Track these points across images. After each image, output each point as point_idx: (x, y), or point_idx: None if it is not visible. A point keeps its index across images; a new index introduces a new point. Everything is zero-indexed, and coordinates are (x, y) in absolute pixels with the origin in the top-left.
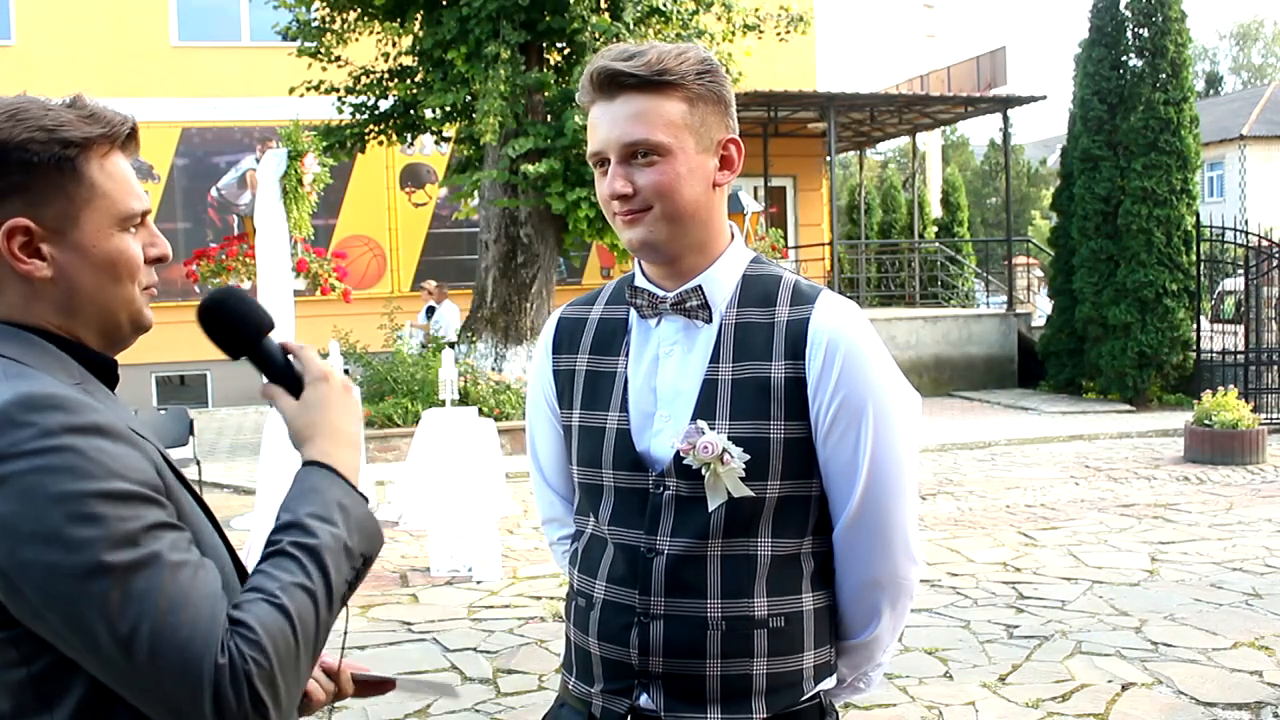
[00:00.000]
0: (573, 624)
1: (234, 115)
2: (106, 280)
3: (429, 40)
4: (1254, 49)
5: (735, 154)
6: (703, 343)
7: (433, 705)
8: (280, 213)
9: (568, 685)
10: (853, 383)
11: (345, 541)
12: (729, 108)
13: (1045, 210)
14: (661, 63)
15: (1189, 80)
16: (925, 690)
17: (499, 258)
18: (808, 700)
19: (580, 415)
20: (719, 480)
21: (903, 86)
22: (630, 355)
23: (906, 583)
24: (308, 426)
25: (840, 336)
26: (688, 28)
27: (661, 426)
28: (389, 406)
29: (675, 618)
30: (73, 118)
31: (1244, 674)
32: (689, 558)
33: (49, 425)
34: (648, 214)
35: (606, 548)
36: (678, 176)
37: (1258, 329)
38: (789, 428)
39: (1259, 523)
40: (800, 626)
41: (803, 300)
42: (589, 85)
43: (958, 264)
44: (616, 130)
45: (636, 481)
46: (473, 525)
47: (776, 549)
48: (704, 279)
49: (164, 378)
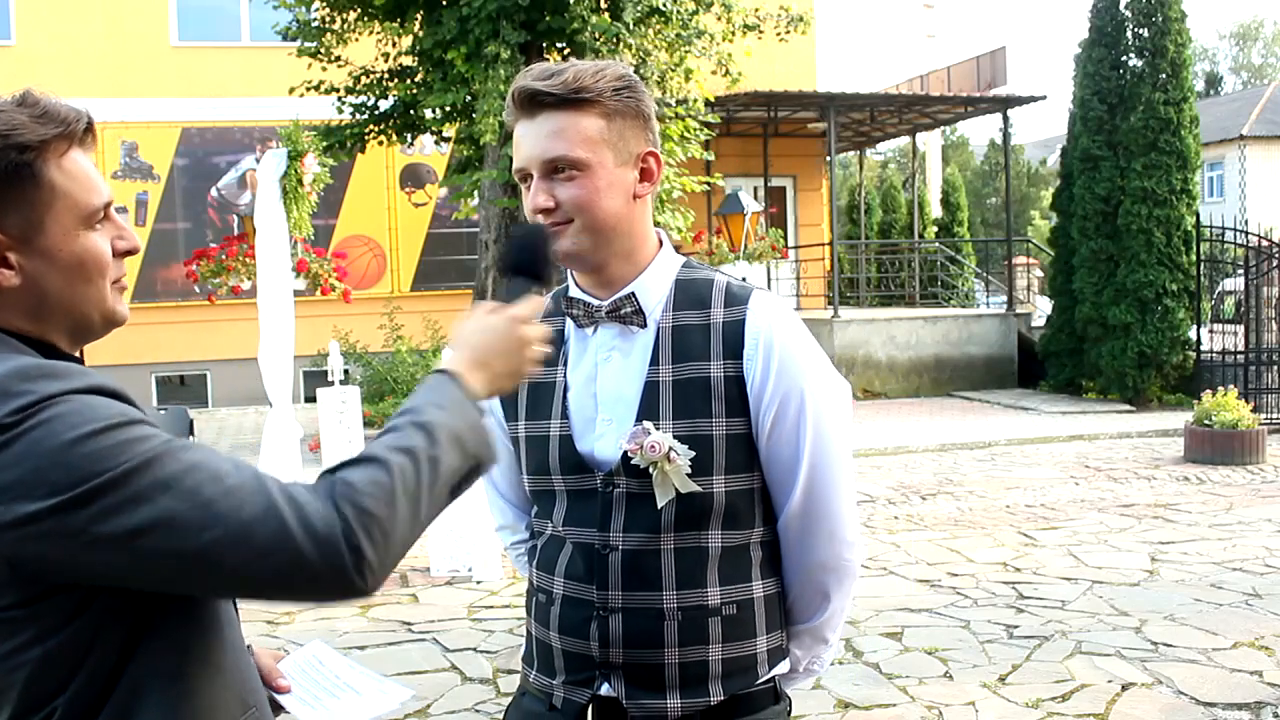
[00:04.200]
0: (533, 619)
1: (234, 115)
2: (76, 281)
3: (429, 40)
4: (1254, 49)
5: (655, 166)
6: (640, 347)
7: (432, 705)
8: (280, 213)
9: (528, 678)
10: (790, 379)
11: (458, 431)
12: (648, 121)
13: (1045, 210)
14: (578, 80)
15: (1189, 80)
16: (925, 690)
17: (499, 258)
18: (763, 683)
19: (525, 426)
20: (666, 478)
21: (903, 86)
22: (569, 364)
23: (850, 564)
24: (461, 338)
25: (775, 335)
26: (688, 28)
27: (604, 430)
28: (389, 406)
29: (633, 610)
30: (25, 119)
31: (1244, 674)
32: (643, 552)
33: (48, 390)
34: (569, 226)
35: (564, 546)
36: (596, 190)
37: (1258, 329)
38: (730, 424)
39: (1259, 523)
40: (752, 612)
41: (736, 301)
42: (511, 104)
43: (958, 264)
44: (538, 147)
45: (585, 483)
46: (473, 525)
47: (726, 540)
48: (636, 286)
49: (164, 378)
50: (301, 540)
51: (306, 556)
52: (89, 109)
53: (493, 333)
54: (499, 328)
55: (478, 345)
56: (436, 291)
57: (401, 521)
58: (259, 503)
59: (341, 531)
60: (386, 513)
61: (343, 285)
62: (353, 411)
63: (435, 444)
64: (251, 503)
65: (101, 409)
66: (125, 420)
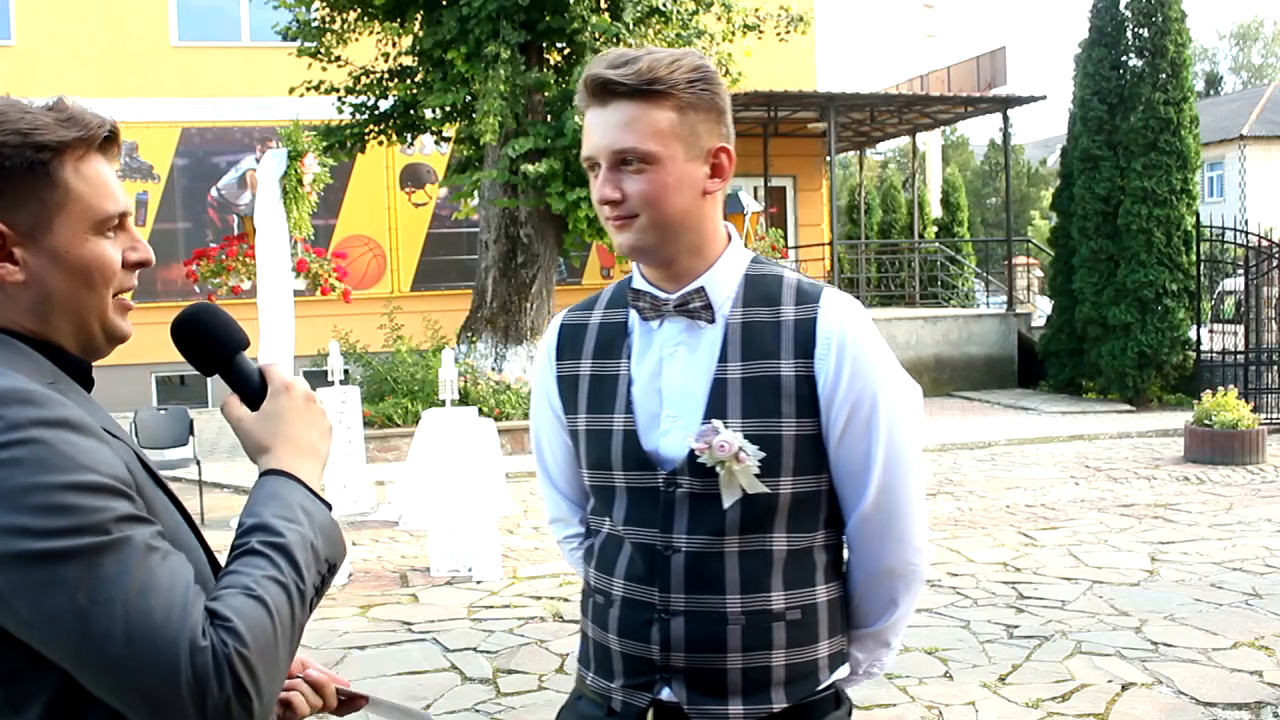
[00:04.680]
0: (590, 620)
1: (234, 115)
2: (80, 286)
3: (429, 40)
4: (1254, 49)
5: (726, 162)
6: (707, 343)
7: (432, 705)
8: (280, 213)
9: (585, 679)
10: (863, 381)
11: (312, 542)
12: (723, 115)
13: (1045, 210)
14: (653, 71)
15: (1189, 80)
16: (925, 690)
17: (499, 258)
18: (824, 690)
19: (586, 419)
20: (734, 478)
21: (903, 86)
22: (633, 357)
23: (919, 570)
24: (265, 437)
25: (848, 335)
26: (687, 28)
27: (669, 427)
28: (389, 406)
29: (695, 613)
30: (49, 121)
31: (1244, 674)
32: (707, 554)
33: (15, 419)
34: (635, 221)
35: (623, 546)
36: (665, 186)
37: (1258, 329)
38: (800, 425)
39: (1259, 523)
40: (816, 617)
41: (807, 299)
42: (583, 90)
43: (958, 264)
44: (607, 137)
45: (647, 481)
46: (473, 525)
47: (791, 543)
48: (705, 280)
49: (164, 378)
50: (188, 698)
51: (187, 710)
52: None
53: (293, 414)
54: (294, 407)
55: (290, 434)
56: (436, 291)
57: (282, 662)
58: (163, 639)
59: (232, 699)
60: (270, 672)
61: (343, 285)
62: (353, 412)
63: (299, 570)
64: (156, 639)
65: (66, 456)
66: (84, 485)
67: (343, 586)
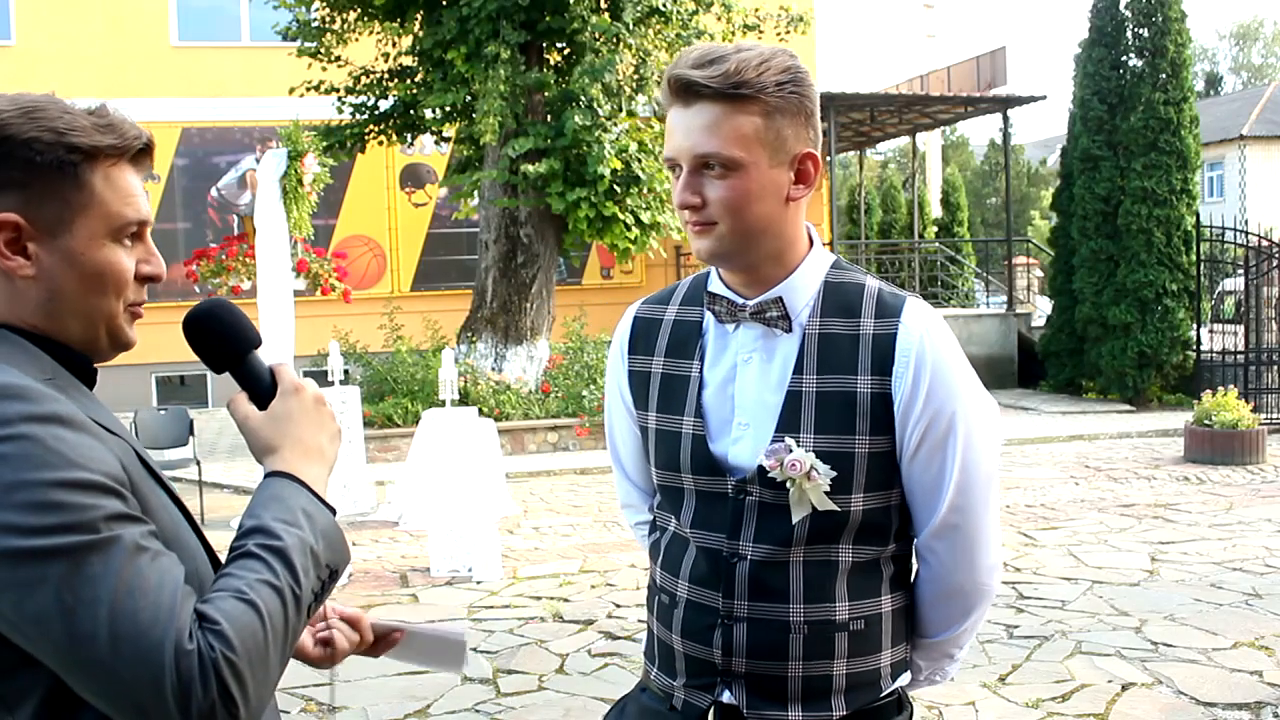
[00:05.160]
0: (655, 618)
1: (234, 115)
2: (90, 290)
3: (429, 40)
4: (1254, 49)
5: (812, 169)
6: (783, 352)
7: (432, 705)
8: (280, 213)
9: (649, 674)
10: (941, 399)
11: (312, 546)
12: (810, 119)
13: (1045, 210)
14: (740, 73)
15: (1189, 80)
16: (925, 690)
17: (499, 258)
18: (886, 696)
19: (656, 418)
20: (804, 495)
21: (903, 86)
22: (706, 360)
23: (989, 589)
24: (272, 438)
25: (927, 352)
26: (687, 28)
27: (740, 435)
28: (389, 406)
29: (758, 621)
30: (87, 124)
31: (1244, 674)
32: (771, 563)
33: (7, 414)
34: (715, 228)
35: (689, 548)
36: (747, 193)
37: (1258, 329)
38: (874, 442)
39: (1259, 523)
40: (879, 628)
41: (888, 312)
42: (666, 89)
43: (958, 264)
44: (689, 140)
45: (716, 486)
46: (473, 525)
47: (858, 555)
48: (784, 289)
49: (164, 378)
50: (172, 701)
51: (170, 713)
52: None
53: (303, 416)
54: (304, 409)
55: (298, 436)
56: (436, 291)
57: (272, 668)
58: (149, 641)
59: (217, 703)
60: (259, 677)
61: (343, 285)
62: (353, 412)
63: (295, 574)
64: (141, 640)
65: (56, 452)
66: (74, 482)
67: (343, 587)
